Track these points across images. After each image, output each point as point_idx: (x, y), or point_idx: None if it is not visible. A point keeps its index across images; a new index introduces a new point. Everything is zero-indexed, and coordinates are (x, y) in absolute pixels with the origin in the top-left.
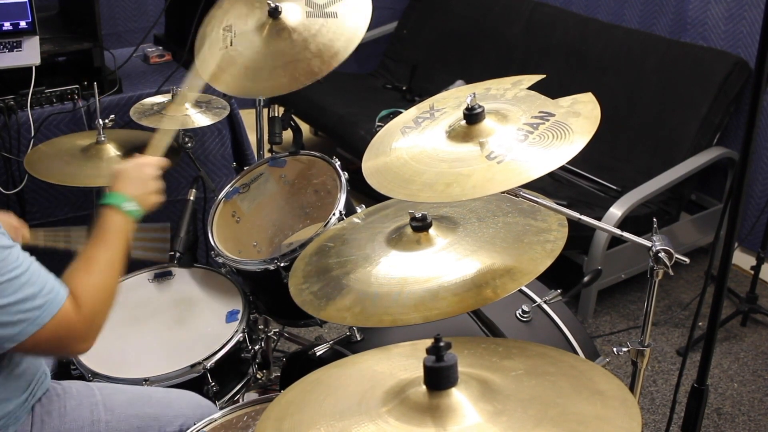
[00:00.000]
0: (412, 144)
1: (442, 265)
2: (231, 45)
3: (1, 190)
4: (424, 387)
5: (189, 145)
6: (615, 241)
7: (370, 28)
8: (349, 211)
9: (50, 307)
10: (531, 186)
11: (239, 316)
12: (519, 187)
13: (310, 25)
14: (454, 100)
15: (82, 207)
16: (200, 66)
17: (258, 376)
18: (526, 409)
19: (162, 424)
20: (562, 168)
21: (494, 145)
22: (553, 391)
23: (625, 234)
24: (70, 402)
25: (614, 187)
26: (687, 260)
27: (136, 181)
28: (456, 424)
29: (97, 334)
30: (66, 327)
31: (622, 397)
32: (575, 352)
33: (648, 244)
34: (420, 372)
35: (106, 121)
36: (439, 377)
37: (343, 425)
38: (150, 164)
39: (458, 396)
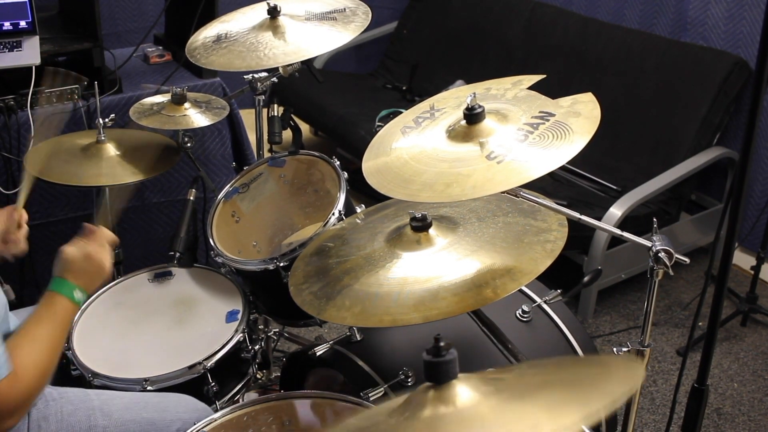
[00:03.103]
0: (412, 144)
1: (442, 265)
2: None
3: (1, 190)
4: None
5: (189, 145)
6: (615, 241)
7: (370, 28)
8: (349, 211)
9: None
10: (531, 186)
11: (239, 316)
12: (519, 187)
13: None
14: (454, 100)
15: (82, 207)
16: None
17: (258, 376)
18: (527, 379)
19: (159, 429)
20: (562, 168)
21: (494, 145)
22: (555, 365)
23: (625, 234)
24: (66, 407)
25: (614, 187)
26: (687, 260)
27: (87, 273)
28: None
29: (27, 410)
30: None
31: (625, 364)
32: (575, 352)
33: (648, 244)
34: None
35: (106, 120)
36: (438, 373)
37: None
38: (101, 252)
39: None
